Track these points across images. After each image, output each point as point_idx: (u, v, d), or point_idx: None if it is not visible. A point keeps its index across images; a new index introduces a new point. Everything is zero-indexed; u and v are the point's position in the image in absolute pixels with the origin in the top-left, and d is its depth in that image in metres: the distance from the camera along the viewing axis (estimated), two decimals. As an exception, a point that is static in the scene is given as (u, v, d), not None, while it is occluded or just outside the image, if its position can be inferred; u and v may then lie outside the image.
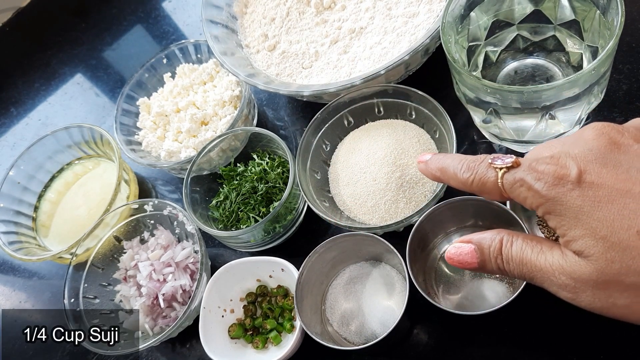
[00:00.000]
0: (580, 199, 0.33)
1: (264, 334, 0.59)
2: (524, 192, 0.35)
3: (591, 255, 0.32)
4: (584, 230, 0.33)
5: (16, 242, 0.73)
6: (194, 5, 0.93)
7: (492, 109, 0.51)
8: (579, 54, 0.54)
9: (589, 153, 0.34)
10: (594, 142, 0.35)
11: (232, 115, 0.71)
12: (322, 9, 0.71)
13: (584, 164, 0.34)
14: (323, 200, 0.60)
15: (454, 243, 0.40)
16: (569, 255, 0.34)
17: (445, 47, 0.50)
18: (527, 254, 0.36)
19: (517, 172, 0.36)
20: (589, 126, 0.36)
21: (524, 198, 0.36)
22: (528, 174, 0.35)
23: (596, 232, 0.32)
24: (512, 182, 0.36)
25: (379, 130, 0.61)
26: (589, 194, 0.33)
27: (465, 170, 0.39)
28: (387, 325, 0.52)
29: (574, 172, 0.33)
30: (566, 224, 0.34)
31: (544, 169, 0.34)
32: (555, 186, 0.34)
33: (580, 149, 0.35)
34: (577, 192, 0.33)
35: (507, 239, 0.37)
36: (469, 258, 0.39)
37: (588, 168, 0.33)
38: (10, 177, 0.77)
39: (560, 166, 0.34)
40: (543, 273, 0.35)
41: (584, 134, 0.36)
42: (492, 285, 0.51)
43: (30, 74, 1.00)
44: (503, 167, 0.37)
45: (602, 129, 0.35)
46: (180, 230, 0.66)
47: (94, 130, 0.76)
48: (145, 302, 0.62)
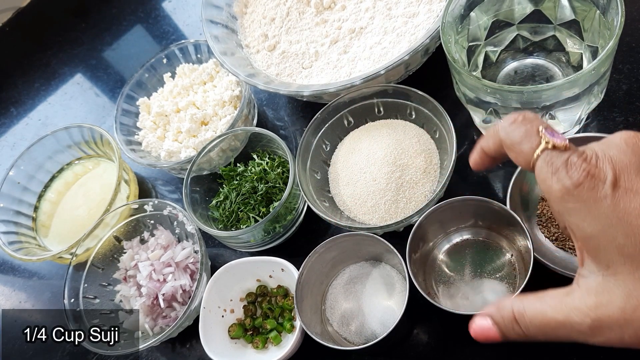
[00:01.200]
0: (610, 209, 0.31)
1: (264, 334, 0.59)
2: (552, 181, 0.33)
3: (618, 273, 0.31)
4: (609, 243, 0.31)
5: (16, 242, 0.73)
6: (194, 5, 0.93)
7: (492, 109, 0.51)
8: (579, 54, 0.54)
9: (624, 157, 0.32)
10: (628, 147, 0.33)
11: (232, 115, 0.71)
12: (322, 9, 0.71)
13: (620, 168, 0.32)
14: (323, 200, 0.60)
15: (474, 319, 0.38)
16: (591, 291, 0.31)
17: (445, 47, 0.50)
18: (546, 313, 0.33)
19: (557, 159, 0.33)
20: (619, 134, 0.34)
21: (548, 186, 0.33)
22: (564, 168, 0.32)
23: (623, 249, 0.30)
24: (546, 164, 0.33)
25: (379, 130, 0.61)
26: (621, 204, 0.31)
27: (512, 121, 0.36)
28: (387, 325, 0.52)
29: (610, 177, 0.32)
30: (589, 228, 0.32)
31: (581, 170, 0.32)
32: (588, 190, 0.32)
33: (615, 151, 0.33)
34: (608, 201, 0.31)
35: (519, 305, 0.35)
36: (491, 334, 0.37)
37: (624, 173, 0.32)
38: (10, 177, 0.77)
39: (597, 172, 0.32)
40: (566, 326, 0.32)
41: (615, 139, 0.34)
42: (492, 285, 0.51)
43: (30, 74, 1.00)
44: (550, 142, 0.34)
45: (634, 137, 0.34)
46: (180, 230, 0.66)
47: (94, 130, 0.76)
48: (145, 302, 0.62)
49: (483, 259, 0.53)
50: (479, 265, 0.52)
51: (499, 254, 0.52)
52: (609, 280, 0.31)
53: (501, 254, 0.52)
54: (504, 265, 0.52)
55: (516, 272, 0.50)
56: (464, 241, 0.54)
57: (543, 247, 0.51)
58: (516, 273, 0.50)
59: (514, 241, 0.51)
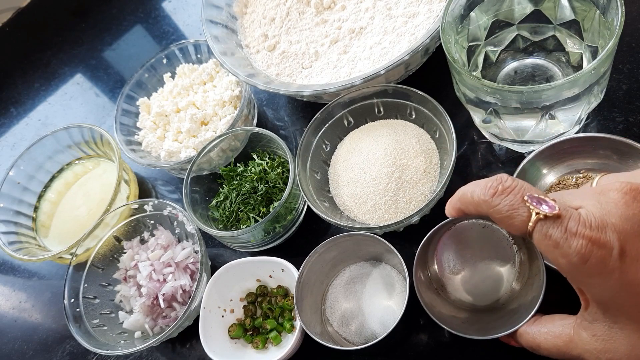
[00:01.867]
0: (619, 281, 0.32)
1: (264, 334, 0.59)
2: (556, 254, 0.33)
3: (624, 329, 0.34)
4: (618, 308, 0.34)
5: (16, 242, 0.73)
6: (194, 5, 0.93)
7: (492, 109, 0.51)
8: (579, 54, 0.54)
9: (627, 224, 0.32)
10: (628, 209, 0.33)
11: (232, 115, 0.71)
12: (322, 9, 0.71)
13: (624, 237, 0.32)
14: (323, 200, 0.60)
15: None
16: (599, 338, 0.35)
17: (445, 47, 0.50)
18: (560, 348, 0.38)
19: (554, 230, 0.32)
20: (613, 187, 0.34)
21: (554, 259, 0.33)
22: (565, 240, 0.32)
23: (630, 314, 0.33)
24: (544, 237, 0.33)
25: (379, 130, 0.61)
26: (629, 275, 0.32)
27: (494, 194, 0.35)
28: (387, 325, 0.52)
29: (616, 249, 0.31)
30: (598, 295, 0.34)
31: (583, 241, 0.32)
32: (597, 265, 0.32)
33: (616, 218, 0.32)
34: (617, 274, 0.32)
35: (532, 339, 0.41)
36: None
37: (629, 242, 0.32)
38: (10, 177, 0.77)
39: (602, 242, 0.31)
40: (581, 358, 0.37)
41: (611, 196, 0.33)
42: (497, 270, 0.50)
43: (30, 74, 1.00)
44: (540, 214, 0.33)
45: (631, 194, 0.33)
46: (180, 230, 0.66)
47: (94, 130, 0.76)
48: (145, 302, 0.62)
49: (483, 244, 0.51)
50: (480, 250, 0.51)
51: (498, 234, 0.51)
52: (616, 331, 0.34)
53: (500, 235, 0.51)
54: (503, 246, 0.51)
55: (515, 251, 0.50)
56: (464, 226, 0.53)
57: None
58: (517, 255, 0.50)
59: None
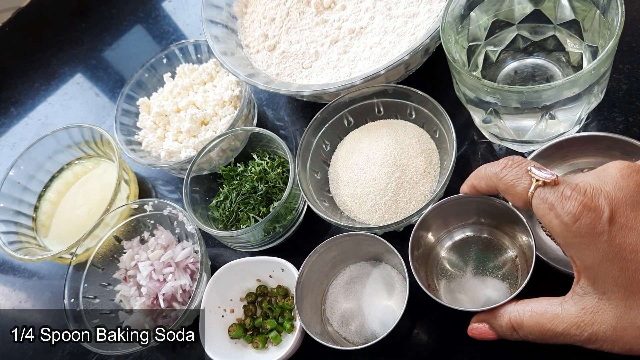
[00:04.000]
0: (607, 244, 0.33)
1: (264, 334, 0.59)
2: (550, 216, 0.35)
3: (612, 299, 0.34)
4: (606, 274, 0.34)
5: (16, 242, 0.73)
6: (194, 5, 0.93)
7: (492, 109, 0.51)
8: (579, 54, 0.54)
9: (620, 192, 0.34)
10: (623, 181, 0.35)
11: (232, 115, 0.71)
12: (322, 9, 0.71)
13: (615, 204, 0.34)
14: (323, 200, 0.60)
15: (472, 324, 0.45)
16: (587, 310, 0.35)
17: (445, 47, 0.50)
18: (544, 325, 0.38)
19: (551, 194, 0.35)
20: (613, 164, 0.36)
21: (548, 221, 0.36)
22: (559, 202, 0.34)
23: (617, 281, 0.34)
24: (541, 201, 0.36)
25: (379, 130, 0.61)
26: (617, 239, 0.33)
27: (503, 167, 0.39)
28: (387, 325, 0.52)
29: (606, 213, 0.33)
30: (588, 260, 0.35)
31: (576, 203, 0.34)
32: (586, 226, 0.34)
33: (610, 187, 0.34)
34: (605, 237, 0.33)
35: (516, 316, 0.40)
36: (488, 335, 0.43)
37: (619, 209, 0.33)
38: (10, 177, 0.77)
39: (593, 206, 0.34)
40: (564, 336, 0.37)
41: (610, 171, 0.36)
42: (494, 283, 0.51)
43: (30, 74, 1.00)
44: (540, 180, 0.36)
45: (628, 169, 0.35)
46: (180, 230, 0.66)
47: (94, 130, 0.76)
48: (145, 302, 0.62)
49: (485, 257, 0.53)
50: (481, 263, 0.52)
51: (502, 251, 0.52)
52: (604, 303, 0.35)
53: (503, 251, 0.52)
54: (505, 263, 0.51)
55: (518, 270, 0.50)
56: (467, 238, 0.54)
57: (545, 245, 0.51)
58: (518, 272, 0.50)
59: (516, 238, 0.51)
